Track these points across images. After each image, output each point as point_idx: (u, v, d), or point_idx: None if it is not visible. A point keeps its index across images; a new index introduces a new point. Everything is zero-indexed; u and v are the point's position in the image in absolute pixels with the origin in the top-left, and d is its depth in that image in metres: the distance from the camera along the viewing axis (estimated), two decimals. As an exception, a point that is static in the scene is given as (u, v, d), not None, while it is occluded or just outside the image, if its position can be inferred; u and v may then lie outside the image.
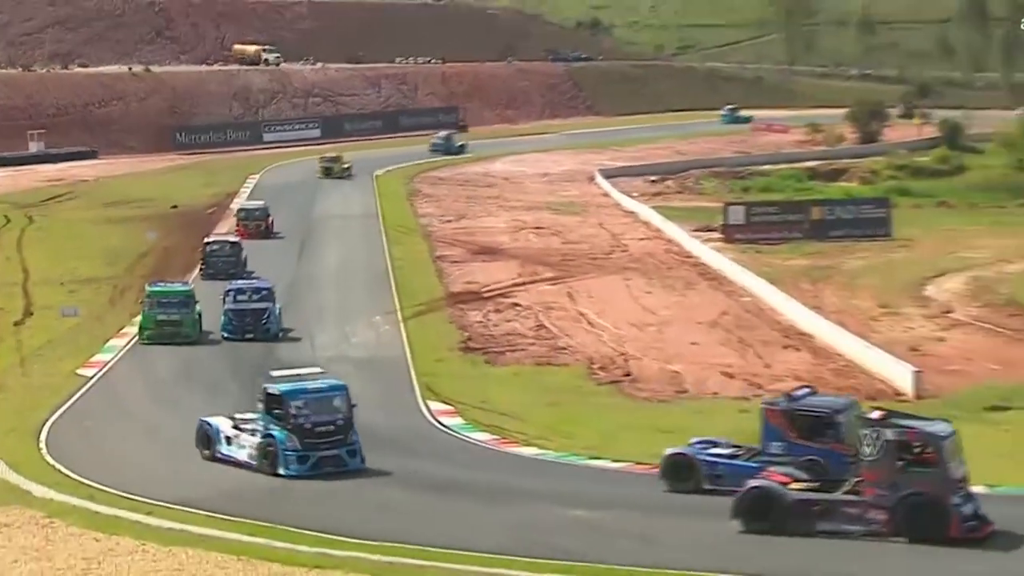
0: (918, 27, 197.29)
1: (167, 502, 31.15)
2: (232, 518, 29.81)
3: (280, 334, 52.23)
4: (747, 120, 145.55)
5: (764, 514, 28.58)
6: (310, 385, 34.96)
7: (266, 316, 52.08)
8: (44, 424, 39.15)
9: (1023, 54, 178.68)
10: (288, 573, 25.80)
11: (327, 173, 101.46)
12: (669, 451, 32.79)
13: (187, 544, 27.71)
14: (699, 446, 32.95)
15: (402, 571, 25.85)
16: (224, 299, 52.47)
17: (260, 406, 34.66)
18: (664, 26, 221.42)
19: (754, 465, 31.10)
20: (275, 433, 33.69)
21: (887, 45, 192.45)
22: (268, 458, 33.61)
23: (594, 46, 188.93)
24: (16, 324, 54.65)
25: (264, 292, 53.43)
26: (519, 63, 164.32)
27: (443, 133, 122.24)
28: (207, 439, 35.76)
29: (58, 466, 34.69)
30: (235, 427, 35.45)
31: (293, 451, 33.31)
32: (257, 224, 75.31)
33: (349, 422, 34.09)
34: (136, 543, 27.83)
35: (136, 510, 30.54)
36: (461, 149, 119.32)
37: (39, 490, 32.35)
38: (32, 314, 56.57)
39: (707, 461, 32.06)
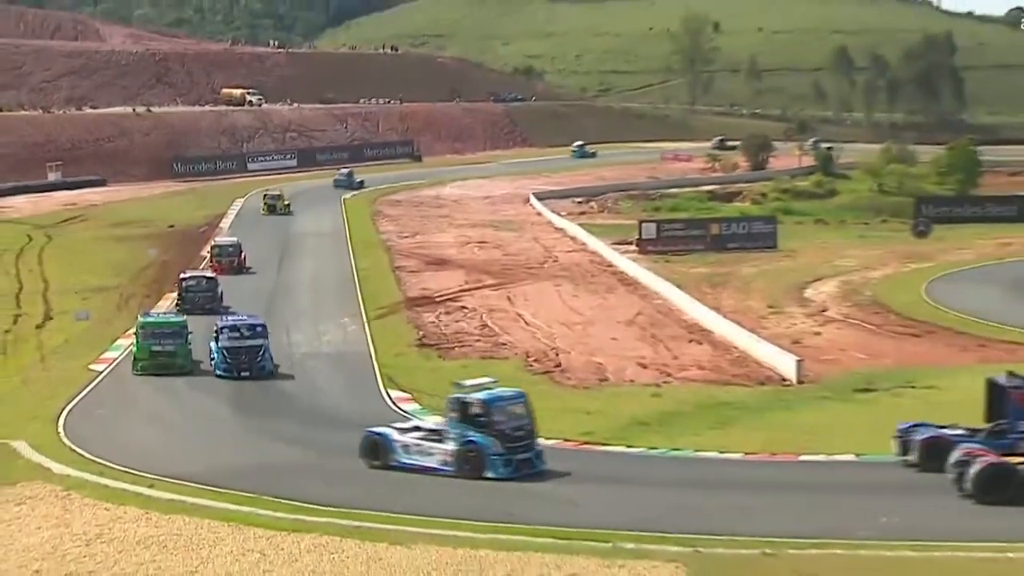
0: (796, 74, 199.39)
1: (167, 477, 31.09)
2: (222, 490, 29.75)
3: (274, 371, 45.31)
4: (593, 155, 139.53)
5: (1002, 489, 28.11)
6: (504, 394, 33.03)
7: (261, 353, 44.71)
8: (62, 411, 38.92)
9: (880, 98, 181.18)
10: (270, 536, 25.71)
11: (271, 210, 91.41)
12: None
13: (184, 512, 27.70)
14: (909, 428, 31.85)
15: (368, 533, 25.73)
16: (216, 336, 44.85)
17: (453, 415, 31.85)
18: (587, 72, 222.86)
19: (1004, 442, 30.25)
20: (477, 439, 31.11)
21: (771, 89, 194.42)
22: (470, 463, 31.04)
23: (528, 89, 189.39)
24: (38, 327, 54.40)
25: (258, 328, 45.84)
26: (465, 103, 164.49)
27: (345, 170, 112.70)
28: (377, 449, 32.41)
29: (74, 447, 34.55)
30: (415, 436, 32.65)
31: (498, 455, 31.02)
32: (231, 260, 67.44)
33: (534, 427, 32.39)
34: (141, 512, 27.81)
35: (140, 484, 30.49)
36: (360, 185, 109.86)
37: (58, 467, 32.22)
38: (51, 318, 56.26)
39: (954, 440, 30.43)
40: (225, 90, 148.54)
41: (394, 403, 40.74)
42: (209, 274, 60.63)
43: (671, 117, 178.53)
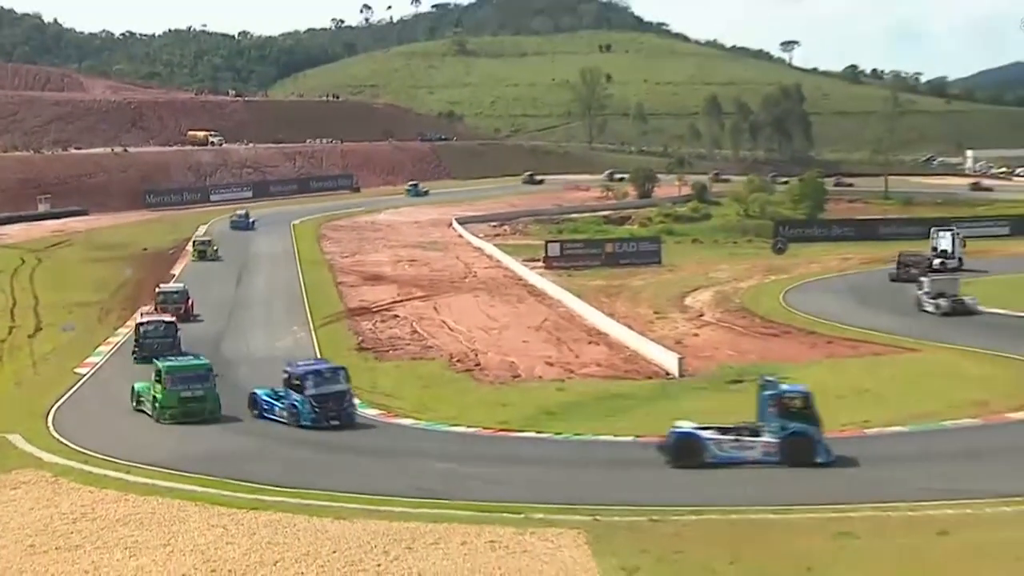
0: (676, 118, 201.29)
1: (142, 464, 30.80)
2: (190, 474, 29.48)
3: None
4: (426, 193, 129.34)
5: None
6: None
7: (348, 399, 36.75)
8: (51, 408, 38.45)
9: (745, 138, 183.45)
10: (232, 513, 25.55)
11: (201, 256, 77.87)
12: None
13: (157, 494, 27.47)
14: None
15: (316, 510, 25.65)
16: (297, 385, 35.98)
17: (772, 410, 30.00)
18: (500, 116, 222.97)
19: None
20: (801, 430, 29.62)
21: (655, 130, 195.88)
22: (801, 453, 29.45)
23: (451, 130, 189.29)
24: (29, 337, 53.49)
25: (340, 372, 37.48)
26: (396, 142, 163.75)
27: (241, 211, 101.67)
28: (691, 450, 29.88)
29: (61, 439, 34.16)
30: (729, 435, 30.34)
31: (820, 441, 29.77)
32: (176, 307, 54.94)
33: None
34: (120, 494, 27.54)
35: (119, 470, 30.18)
36: (253, 225, 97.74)
37: (48, 456, 31.85)
38: (41, 329, 55.33)
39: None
40: (191, 132, 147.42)
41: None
42: (167, 318, 49.24)
43: (571, 153, 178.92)
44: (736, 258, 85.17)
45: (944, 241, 74.78)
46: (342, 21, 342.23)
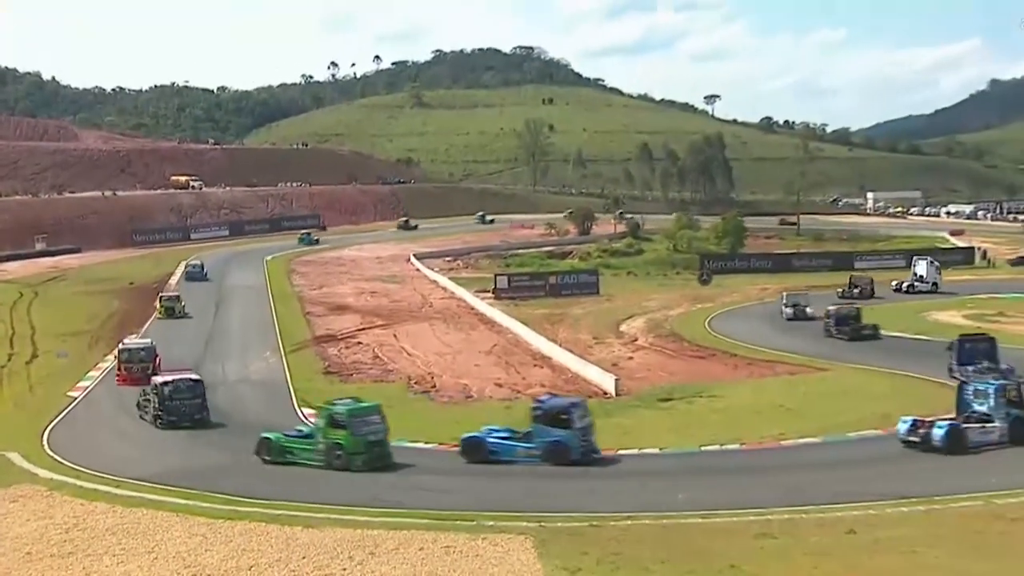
0: (611, 163, 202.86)
1: (129, 478, 30.45)
2: (172, 488, 29.11)
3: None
4: (317, 242, 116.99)
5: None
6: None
7: (589, 435, 32.58)
8: (46, 428, 38.09)
9: (673, 181, 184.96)
10: (210, 523, 25.34)
11: (168, 313, 65.85)
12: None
13: (143, 506, 27.22)
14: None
15: (287, 519, 25.40)
16: (564, 420, 32.08)
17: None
18: (453, 161, 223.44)
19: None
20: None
21: (593, 174, 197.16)
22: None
23: (408, 174, 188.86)
24: (27, 363, 52.98)
25: (578, 402, 34.13)
26: (360, 185, 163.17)
27: (195, 261, 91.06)
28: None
29: (55, 456, 33.82)
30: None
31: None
32: (143, 366, 44.99)
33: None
34: (108, 506, 27.31)
35: (108, 484, 29.89)
36: (206, 276, 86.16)
37: (43, 472, 31.56)
38: (37, 356, 54.71)
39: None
40: (173, 177, 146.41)
41: (305, 417, 40.05)
42: (193, 376, 40.15)
43: (518, 195, 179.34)
44: (666, 289, 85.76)
45: (920, 268, 78.41)
46: (311, 76, 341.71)
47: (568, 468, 31.41)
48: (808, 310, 64.93)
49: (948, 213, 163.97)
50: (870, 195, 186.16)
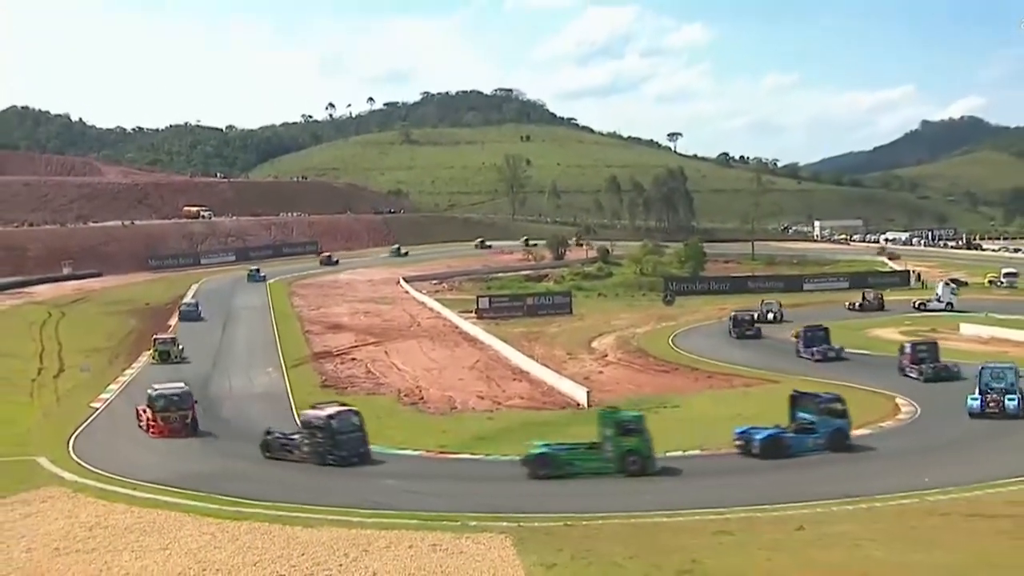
0: (583, 194, 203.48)
1: (146, 482, 30.38)
2: (185, 490, 29.05)
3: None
4: (264, 278, 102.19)
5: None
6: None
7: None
8: (71, 436, 38.09)
9: (639, 211, 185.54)
10: (219, 522, 25.32)
11: (163, 358, 55.19)
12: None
13: (158, 507, 27.20)
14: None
15: (288, 520, 25.33)
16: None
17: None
18: (439, 193, 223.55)
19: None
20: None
21: (567, 204, 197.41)
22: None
23: (398, 204, 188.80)
24: (54, 377, 52.99)
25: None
26: (354, 215, 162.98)
27: (191, 301, 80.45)
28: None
29: (80, 461, 33.79)
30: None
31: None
32: (182, 416, 37.99)
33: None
34: (127, 507, 27.33)
35: (127, 487, 29.90)
36: (201, 316, 74.71)
37: (69, 476, 31.58)
38: (64, 370, 54.66)
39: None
40: (186, 208, 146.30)
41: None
42: (352, 408, 34.92)
43: (497, 224, 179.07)
44: (633, 309, 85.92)
45: (938, 289, 79.12)
46: (310, 116, 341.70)
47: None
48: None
49: (886, 240, 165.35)
50: (817, 223, 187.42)
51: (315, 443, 32.72)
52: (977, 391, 37.97)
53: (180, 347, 57.14)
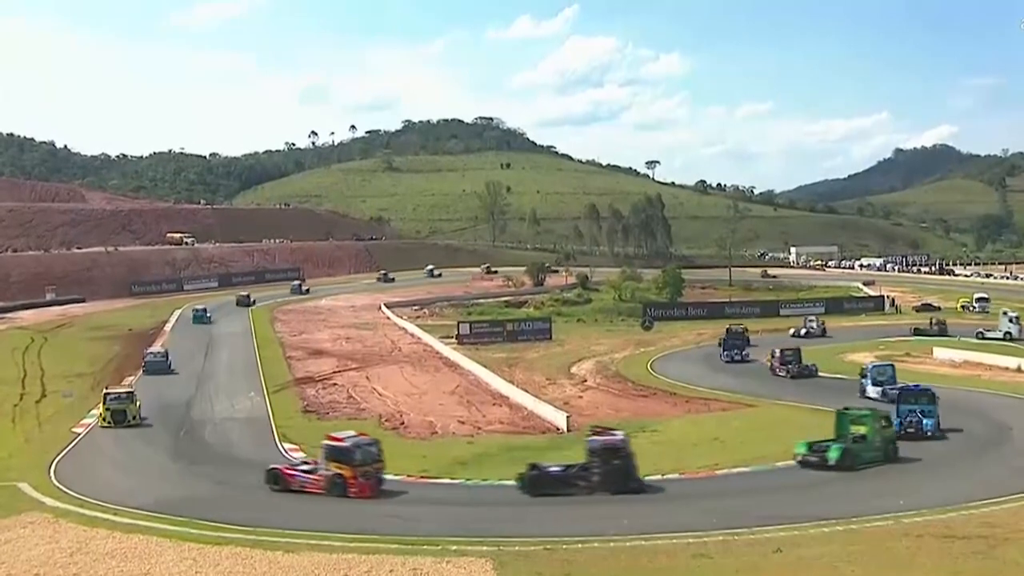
0: (563, 221, 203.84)
1: (126, 507, 30.08)
2: (165, 515, 28.72)
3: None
4: (210, 320, 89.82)
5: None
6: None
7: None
8: (53, 461, 37.76)
9: (618, 237, 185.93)
10: (200, 548, 25.03)
11: (118, 419, 44.19)
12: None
13: (139, 532, 26.93)
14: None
15: (269, 544, 25.08)
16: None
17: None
18: (420, 219, 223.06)
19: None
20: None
21: (546, 231, 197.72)
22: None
23: (380, 231, 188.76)
24: (36, 402, 52.50)
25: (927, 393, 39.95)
26: (336, 241, 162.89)
27: (159, 350, 65.35)
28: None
29: (61, 486, 33.49)
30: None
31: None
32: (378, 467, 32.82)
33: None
34: (108, 532, 27.07)
35: (108, 512, 29.56)
36: (170, 366, 61.47)
37: (50, 501, 31.28)
38: (46, 396, 54.26)
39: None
40: (169, 234, 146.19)
41: (286, 452, 39.79)
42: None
43: (478, 250, 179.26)
44: (612, 334, 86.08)
45: (1004, 321, 75.79)
46: (293, 144, 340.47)
47: (524, 498, 31.41)
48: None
49: (861, 266, 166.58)
50: (793, 250, 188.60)
51: (599, 471, 31.69)
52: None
53: (138, 404, 45.89)
